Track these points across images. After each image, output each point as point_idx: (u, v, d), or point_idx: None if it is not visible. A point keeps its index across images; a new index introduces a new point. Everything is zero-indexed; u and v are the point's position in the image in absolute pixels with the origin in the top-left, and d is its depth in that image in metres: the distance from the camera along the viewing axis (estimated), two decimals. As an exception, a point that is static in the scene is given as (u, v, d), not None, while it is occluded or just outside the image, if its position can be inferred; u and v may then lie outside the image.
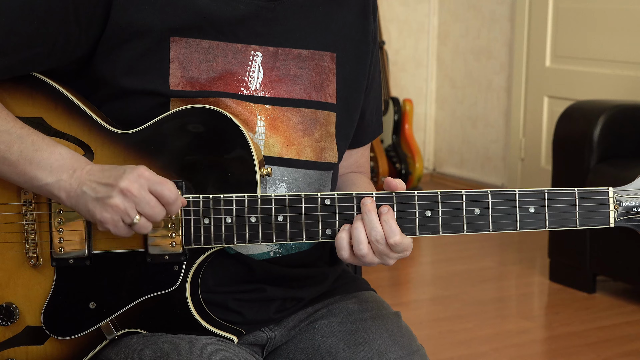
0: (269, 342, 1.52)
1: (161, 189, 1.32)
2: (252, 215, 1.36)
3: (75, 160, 1.35)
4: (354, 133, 1.59)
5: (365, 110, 1.61)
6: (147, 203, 1.31)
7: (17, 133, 1.35)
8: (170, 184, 1.33)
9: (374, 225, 1.35)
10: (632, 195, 1.36)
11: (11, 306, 1.41)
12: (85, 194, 1.32)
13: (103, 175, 1.33)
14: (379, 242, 1.35)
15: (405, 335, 1.51)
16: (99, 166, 1.35)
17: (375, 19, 1.60)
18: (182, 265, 1.38)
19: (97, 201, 1.32)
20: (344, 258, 1.37)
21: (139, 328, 1.42)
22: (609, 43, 4.85)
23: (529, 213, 1.36)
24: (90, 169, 1.34)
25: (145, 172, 1.32)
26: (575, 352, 3.33)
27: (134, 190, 1.31)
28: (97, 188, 1.32)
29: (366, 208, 1.36)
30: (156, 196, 1.32)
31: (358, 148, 1.66)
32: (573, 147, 3.89)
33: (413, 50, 6.18)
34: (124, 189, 1.31)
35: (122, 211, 1.31)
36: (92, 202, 1.32)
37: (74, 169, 1.33)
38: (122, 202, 1.31)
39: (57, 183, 1.33)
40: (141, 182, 1.31)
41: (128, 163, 1.38)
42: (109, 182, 1.32)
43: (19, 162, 1.34)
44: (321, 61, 1.50)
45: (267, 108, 1.45)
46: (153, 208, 1.32)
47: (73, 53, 1.40)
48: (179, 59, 1.41)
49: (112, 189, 1.31)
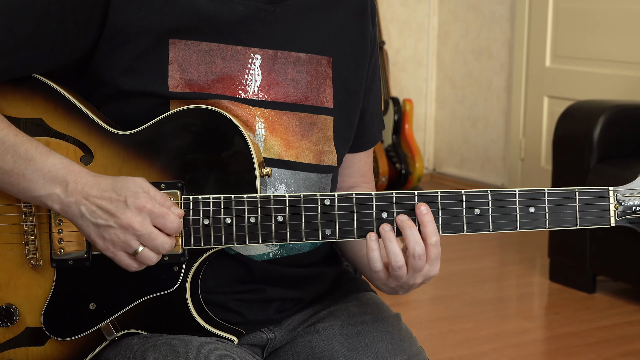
0: (269, 343, 1.52)
1: (163, 222, 1.31)
2: (251, 215, 1.36)
3: (69, 171, 1.33)
4: (355, 136, 1.59)
5: (365, 113, 1.60)
6: (149, 236, 1.31)
7: (11, 141, 1.33)
8: (172, 215, 1.32)
9: (417, 240, 1.35)
10: (633, 195, 1.36)
11: (11, 307, 1.41)
12: (83, 215, 1.31)
13: (102, 197, 1.31)
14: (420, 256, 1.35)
15: (405, 339, 1.51)
16: (95, 181, 1.32)
17: (375, 23, 1.59)
18: (181, 265, 1.38)
19: (97, 228, 1.31)
20: (378, 269, 1.37)
21: (139, 329, 1.42)
22: (609, 43, 4.85)
23: (529, 213, 1.36)
24: (85, 183, 1.32)
25: (147, 204, 1.30)
26: (575, 352, 3.33)
27: (135, 225, 1.30)
28: (96, 212, 1.31)
29: (407, 224, 1.35)
30: (159, 227, 1.31)
31: (360, 153, 1.65)
32: (573, 147, 3.89)
33: (413, 50, 6.18)
34: (124, 224, 1.30)
35: (123, 242, 1.31)
36: (92, 227, 1.31)
37: (67, 181, 1.32)
38: (122, 234, 1.30)
39: (50, 196, 1.32)
40: (143, 216, 1.30)
41: (127, 164, 1.38)
42: (110, 210, 1.30)
43: (12, 172, 1.33)
44: (318, 65, 1.50)
45: (265, 111, 1.45)
46: (155, 240, 1.31)
47: (71, 54, 1.40)
48: (178, 60, 1.40)
49: (112, 219, 1.30)
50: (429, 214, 1.35)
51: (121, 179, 1.33)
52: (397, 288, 1.40)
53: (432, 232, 1.35)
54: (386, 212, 1.35)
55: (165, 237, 1.32)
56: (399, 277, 1.36)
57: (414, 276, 1.36)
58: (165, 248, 1.32)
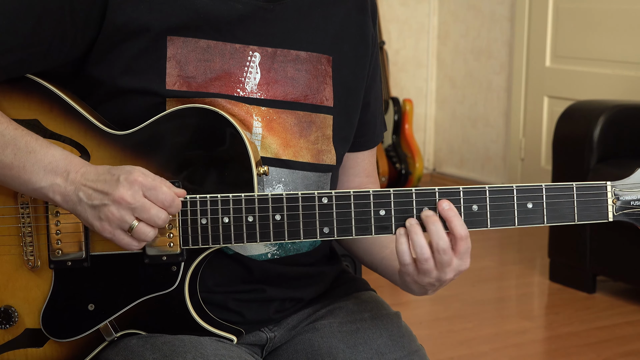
0: (269, 343, 1.52)
1: (155, 194, 1.31)
2: (249, 214, 1.35)
3: (69, 162, 1.33)
4: (357, 134, 1.59)
5: (366, 112, 1.60)
6: (142, 207, 1.30)
7: (11, 135, 1.34)
8: (163, 187, 1.31)
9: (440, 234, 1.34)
10: (631, 189, 1.35)
11: (10, 309, 1.41)
12: (81, 201, 1.31)
13: (98, 180, 1.31)
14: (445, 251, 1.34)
15: (405, 336, 1.51)
16: (94, 168, 1.33)
17: (375, 23, 1.59)
18: (180, 265, 1.38)
19: (94, 209, 1.31)
20: (408, 261, 1.36)
21: (139, 329, 1.41)
22: (609, 43, 4.85)
23: (527, 208, 1.35)
24: (84, 172, 1.33)
25: (139, 178, 1.30)
26: (575, 352, 3.33)
27: (127, 197, 1.29)
28: (92, 195, 1.31)
29: (431, 219, 1.35)
30: (152, 200, 1.31)
31: (364, 152, 1.64)
32: (573, 147, 3.89)
33: (413, 50, 6.18)
34: (117, 198, 1.29)
35: (118, 219, 1.30)
36: (89, 210, 1.31)
37: (68, 171, 1.32)
38: (117, 210, 1.30)
39: (52, 187, 1.32)
40: (135, 189, 1.30)
41: (125, 164, 1.37)
42: (104, 189, 1.30)
43: (13, 165, 1.33)
44: (319, 64, 1.49)
45: (263, 110, 1.45)
46: (149, 211, 1.30)
47: (69, 54, 1.39)
48: (176, 58, 1.40)
49: (106, 197, 1.30)
50: (451, 209, 1.34)
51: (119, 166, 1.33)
52: (427, 286, 1.39)
53: (459, 227, 1.34)
54: (384, 210, 1.35)
55: (158, 208, 1.31)
56: (427, 271, 1.35)
57: (444, 271, 1.36)
58: (161, 218, 1.31)
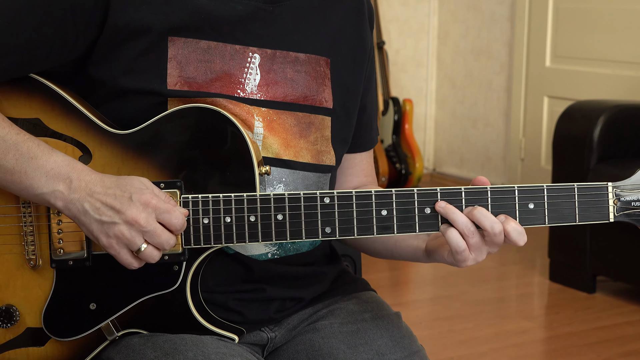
0: (270, 343, 1.52)
1: (169, 217, 1.31)
2: (251, 214, 1.35)
3: (72, 168, 1.33)
4: (356, 135, 1.59)
5: (363, 114, 1.60)
6: (154, 232, 1.30)
7: (13, 140, 1.33)
8: (177, 212, 1.31)
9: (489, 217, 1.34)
10: (632, 190, 1.35)
11: (11, 308, 1.41)
12: (87, 212, 1.31)
13: (107, 194, 1.31)
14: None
15: (405, 336, 1.51)
16: (99, 178, 1.32)
17: (372, 27, 1.60)
18: (181, 265, 1.38)
19: (101, 225, 1.30)
20: (462, 247, 1.35)
21: (140, 328, 1.42)
22: (609, 43, 4.85)
23: (528, 209, 1.35)
24: (89, 180, 1.32)
25: (152, 200, 1.30)
26: (575, 352, 3.33)
27: (141, 220, 1.29)
28: (101, 209, 1.30)
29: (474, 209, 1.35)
30: (164, 224, 1.31)
31: (362, 153, 1.65)
32: (573, 147, 3.89)
33: (413, 50, 6.18)
34: (130, 220, 1.29)
35: (128, 239, 1.30)
36: (95, 224, 1.31)
37: (71, 178, 1.32)
38: (128, 231, 1.30)
39: (53, 193, 1.32)
40: (148, 212, 1.30)
41: (126, 164, 1.38)
42: (115, 206, 1.30)
43: (14, 170, 1.33)
44: (317, 66, 1.50)
45: (264, 110, 1.45)
46: (160, 237, 1.31)
47: (70, 54, 1.40)
48: (177, 58, 1.40)
49: (117, 215, 1.30)
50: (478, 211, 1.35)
51: (125, 177, 1.33)
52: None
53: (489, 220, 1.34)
54: (386, 210, 1.35)
55: (170, 234, 1.32)
56: (477, 246, 1.35)
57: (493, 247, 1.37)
58: (169, 244, 1.32)
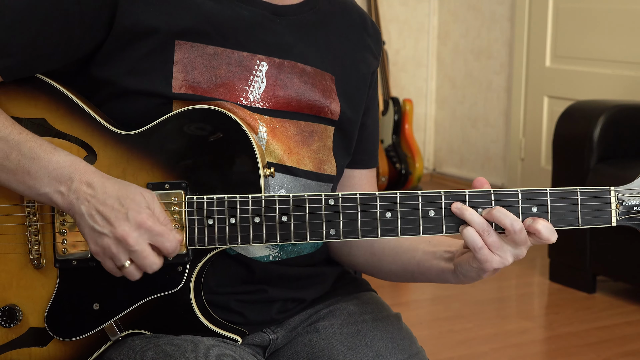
0: (271, 344, 1.52)
1: (162, 241, 1.31)
2: (256, 215, 1.36)
3: (74, 169, 1.33)
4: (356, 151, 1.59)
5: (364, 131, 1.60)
6: (140, 253, 1.30)
7: (16, 140, 1.33)
8: (171, 235, 1.31)
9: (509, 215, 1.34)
10: (634, 195, 1.36)
11: (14, 308, 1.41)
12: (83, 216, 1.31)
13: (105, 203, 1.30)
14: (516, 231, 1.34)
15: (405, 338, 1.51)
16: (102, 183, 1.32)
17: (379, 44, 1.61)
18: (186, 265, 1.38)
19: (93, 231, 1.31)
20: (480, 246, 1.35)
21: (143, 329, 1.42)
22: (609, 43, 4.85)
23: (531, 212, 1.36)
24: (90, 182, 1.32)
25: (147, 221, 1.30)
26: (575, 352, 3.33)
27: (130, 240, 1.29)
28: (95, 217, 1.30)
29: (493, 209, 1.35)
30: (157, 246, 1.31)
31: (361, 170, 1.64)
32: (573, 147, 3.89)
33: (413, 50, 6.18)
34: (119, 236, 1.29)
35: (113, 254, 1.30)
36: (88, 229, 1.31)
37: (72, 179, 1.32)
38: (115, 246, 1.30)
39: (55, 194, 1.32)
40: (141, 232, 1.30)
41: (131, 164, 1.38)
42: (109, 218, 1.30)
43: (17, 170, 1.33)
44: (323, 79, 1.50)
45: (266, 118, 1.45)
46: (145, 259, 1.31)
47: (75, 54, 1.40)
48: (183, 62, 1.40)
49: (108, 227, 1.30)
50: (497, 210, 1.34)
51: (129, 187, 1.32)
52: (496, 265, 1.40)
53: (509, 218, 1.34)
54: (390, 212, 1.35)
55: (156, 258, 1.32)
56: (497, 245, 1.35)
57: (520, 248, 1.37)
58: (152, 269, 1.32)
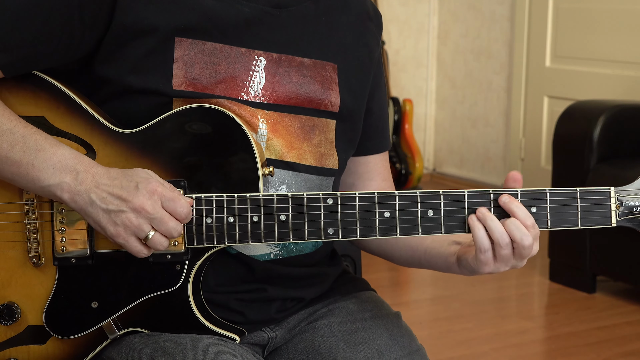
0: (270, 342, 1.52)
1: (174, 206, 1.32)
2: (254, 214, 1.36)
3: (79, 161, 1.34)
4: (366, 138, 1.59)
5: (371, 117, 1.60)
6: (161, 219, 1.31)
7: (20, 132, 1.34)
8: (182, 200, 1.33)
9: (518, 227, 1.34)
10: (634, 195, 1.36)
11: (13, 305, 1.41)
12: (94, 203, 1.32)
13: (113, 185, 1.32)
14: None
15: (405, 335, 1.51)
16: (105, 170, 1.34)
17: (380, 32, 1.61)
18: (184, 264, 1.38)
19: (108, 214, 1.31)
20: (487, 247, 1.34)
21: (141, 327, 1.42)
22: (609, 43, 4.85)
23: (531, 213, 1.35)
24: (95, 172, 1.33)
25: (158, 188, 1.32)
26: (575, 352, 3.33)
27: (147, 207, 1.31)
28: (107, 199, 1.32)
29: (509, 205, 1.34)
30: (169, 212, 1.32)
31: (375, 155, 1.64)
32: (573, 147, 3.89)
33: (413, 50, 6.18)
34: (137, 207, 1.31)
35: (136, 226, 1.31)
36: (103, 214, 1.32)
37: (77, 171, 1.33)
38: (135, 218, 1.31)
39: (60, 185, 1.32)
40: (154, 199, 1.31)
41: (131, 162, 1.38)
42: (122, 195, 1.31)
43: (21, 162, 1.33)
44: (323, 71, 1.50)
45: (267, 113, 1.45)
46: (167, 224, 1.32)
47: (76, 52, 1.40)
48: (183, 59, 1.40)
49: (124, 203, 1.31)
50: (513, 201, 1.34)
51: (130, 169, 1.34)
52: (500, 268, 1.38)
53: (526, 216, 1.34)
54: (389, 212, 1.35)
55: (176, 221, 1.33)
56: (505, 257, 1.34)
57: (522, 260, 1.36)
58: (177, 231, 1.33)
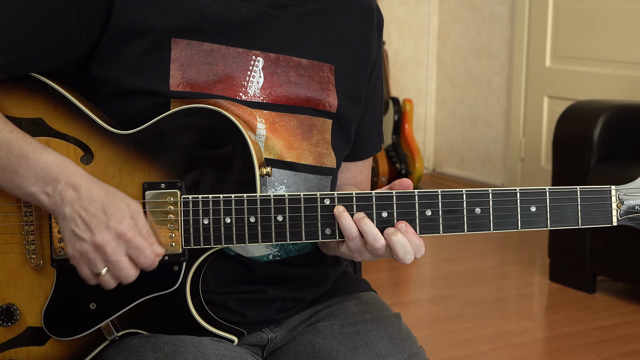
0: (270, 343, 1.52)
1: (137, 255, 1.32)
2: (251, 215, 1.35)
3: (61, 170, 1.32)
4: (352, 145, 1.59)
5: (362, 123, 1.60)
6: (117, 264, 1.31)
7: (6, 138, 1.33)
8: (147, 251, 1.32)
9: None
10: (635, 194, 1.35)
11: (12, 307, 1.41)
12: (66, 218, 1.31)
13: (88, 208, 1.31)
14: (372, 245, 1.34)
15: (405, 338, 1.51)
16: (88, 187, 1.32)
17: (381, 34, 1.60)
18: (181, 265, 1.38)
19: (73, 235, 1.31)
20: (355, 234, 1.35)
21: (140, 329, 1.42)
22: (609, 43, 4.85)
23: (530, 212, 1.35)
24: (76, 185, 1.31)
25: (128, 232, 1.31)
26: (575, 352, 3.33)
27: (108, 249, 1.30)
28: (77, 220, 1.31)
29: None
30: (132, 258, 1.32)
31: (356, 162, 1.65)
32: (573, 147, 3.89)
33: (413, 50, 6.18)
34: (98, 244, 1.30)
35: (90, 260, 1.31)
36: (68, 232, 1.32)
37: (58, 180, 1.32)
38: (92, 252, 1.31)
39: (41, 194, 1.32)
40: (119, 243, 1.31)
41: (127, 163, 1.38)
42: (90, 224, 1.30)
43: (6, 169, 1.33)
44: (320, 71, 1.50)
45: (266, 113, 1.45)
46: (122, 270, 1.32)
47: (73, 53, 1.40)
48: (180, 60, 1.40)
49: (88, 233, 1.30)
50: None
51: (116, 196, 1.33)
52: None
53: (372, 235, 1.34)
54: (386, 212, 1.35)
55: (133, 270, 1.33)
56: (375, 249, 1.35)
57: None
58: (128, 279, 1.33)
